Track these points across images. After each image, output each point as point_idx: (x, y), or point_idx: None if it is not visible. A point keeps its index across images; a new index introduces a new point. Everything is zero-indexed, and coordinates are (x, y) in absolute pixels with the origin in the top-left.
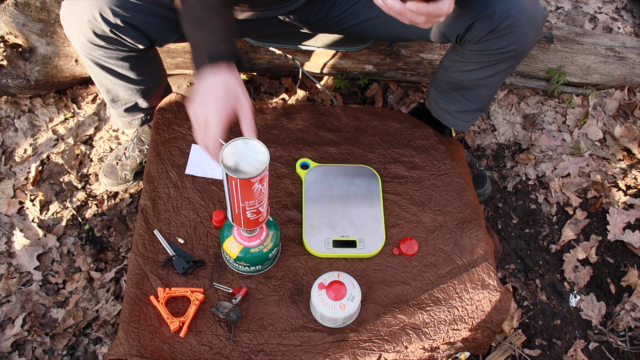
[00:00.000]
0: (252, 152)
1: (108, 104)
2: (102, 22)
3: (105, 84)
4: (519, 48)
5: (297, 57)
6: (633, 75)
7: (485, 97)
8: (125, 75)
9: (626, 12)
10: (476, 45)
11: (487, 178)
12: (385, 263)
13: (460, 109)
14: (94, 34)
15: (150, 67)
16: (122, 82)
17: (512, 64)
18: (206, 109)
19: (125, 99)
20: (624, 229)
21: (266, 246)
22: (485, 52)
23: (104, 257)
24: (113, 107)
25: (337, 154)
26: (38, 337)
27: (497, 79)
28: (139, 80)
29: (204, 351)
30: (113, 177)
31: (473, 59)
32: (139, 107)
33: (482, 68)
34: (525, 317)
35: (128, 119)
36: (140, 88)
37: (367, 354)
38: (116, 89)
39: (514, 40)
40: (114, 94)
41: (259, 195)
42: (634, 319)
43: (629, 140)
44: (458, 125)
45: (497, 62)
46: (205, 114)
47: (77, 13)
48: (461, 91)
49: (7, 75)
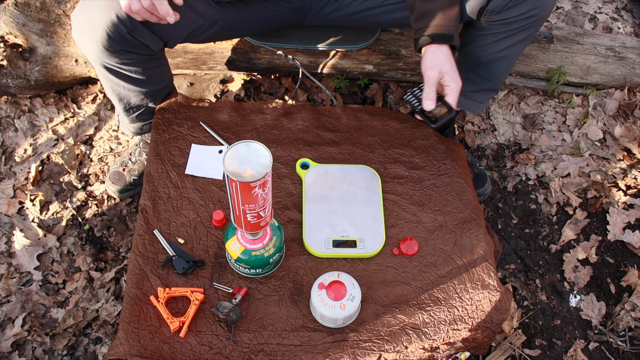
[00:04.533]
0: (255, 156)
1: (121, 112)
2: (120, 25)
3: (118, 91)
4: (540, 13)
5: (297, 57)
6: (633, 75)
7: (500, 73)
8: (138, 79)
9: (626, 12)
10: (498, 15)
11: (487, 178)
12: (385, 263)
13: (474, 89)
14: (109, 40)
15: (161, 68)
16: (135, 87)
17: (531, 33)
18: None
19: (137, 105)
20: (624, 229)
21: (268, 250)
22: (507, 20)
23: (104, 257)
24: (125, 116)
25: (337, 154)
26: (38, 337)
27: (515, 50)
28: (151, 84)
29: (204, 351)
30: (120, 183)
31: (493, 31)
32: (149, 111)
33: (500, 40)
34: (525, 317)
35: (139, 125)
36: (151, 91)
37: (367, 354)
38: (129, 95)
39: (537, 4)
40: (127, 101)
41: (260, 199)
42: (634, 319)
43: (629, 140)
44: (472, 107)
45: (517, 32)
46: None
47: (93, 20)
48: (475, 69)
49: (7, 75)
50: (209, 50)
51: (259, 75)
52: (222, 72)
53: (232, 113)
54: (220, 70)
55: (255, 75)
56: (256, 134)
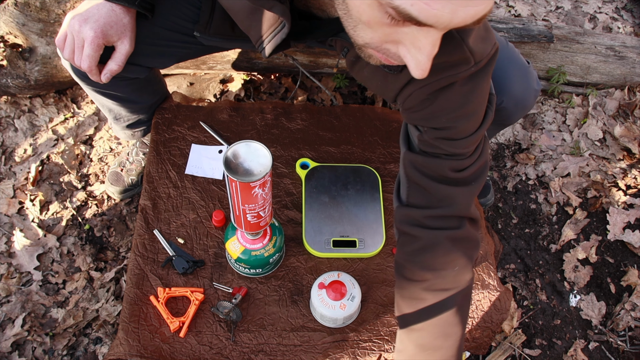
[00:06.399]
0: (255, 156)
1: (110, 120)
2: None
3: (106, 105)
4: (505, 122)
5: (297, 57)
6: (633, 75)
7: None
8: (127, 98)
9: (626, 12)
10: None
11: (491, 188)
12: (385, 263)
13: None
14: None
15: (151, 86)
16: (124, 103)
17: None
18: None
19: (128, 117)
20: (624, 229)
21: (267, 250)
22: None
23: (104, 257)
24: (116, 124)
25: (337, 154)
26: (38, 337)
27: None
28: (141, 101)
29: (204, 351)
30: (119, 184)
31: None
32: (141, 121)
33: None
34: (525, 316)
35: (130, 132)
36: (141, 106)
37: (367, 354)
38: (118, 109)
39: (501, 119)
40: (117, 113)
41: (260, 199)
42: (634, 319)
43: (629, 140)
44: None
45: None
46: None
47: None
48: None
49: (7, 75)
50: None
51: (259, 75)
52: (222, 72)
53: (232, 113)
54: (220, 70)
55: (255, 75)
56: (256, 134)
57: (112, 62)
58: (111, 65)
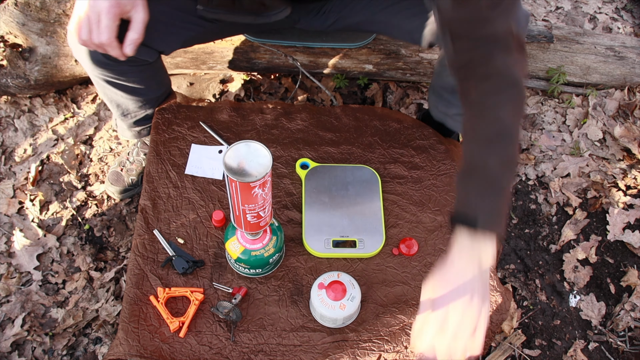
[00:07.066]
0: (255, 156)
1: (118, 117)
2: None
3: (115, 100)
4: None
5: (297, 57)
6: (633, 75)
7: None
8: (135, 88)
9: (626, 12)
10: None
11: None
12: (385, 263)
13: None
14: (102, 55)
15: (158, 76)
16: (133, 95)
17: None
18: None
19: (135, 112)
20: (623, 229)
21: (267, 250)
22: None
23: (103, 257)
24: (123, 121)
25: (337, 154)
26: (38, 337)
27: None
28: (149, 92)
29: (203, 351)
30: (119, 184)
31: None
32: (147, 117)
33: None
34: (525, 317)
35: (137, 129)
36: (149, 98)
37: (367, 354)
38: (126, 103)
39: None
40: (124, 108)
41: (260, 199)
42: (634, 319)
43: (628, 140)
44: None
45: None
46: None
47: None
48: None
49: (7, 75)
50: (208, 50)
51: (259, 75)
52: (222, 71)
53: (231, 113)
54: (220, 70)
55: (255, 75)
56: (256, 134)
57: (131, 32)
58: (132, 35)
